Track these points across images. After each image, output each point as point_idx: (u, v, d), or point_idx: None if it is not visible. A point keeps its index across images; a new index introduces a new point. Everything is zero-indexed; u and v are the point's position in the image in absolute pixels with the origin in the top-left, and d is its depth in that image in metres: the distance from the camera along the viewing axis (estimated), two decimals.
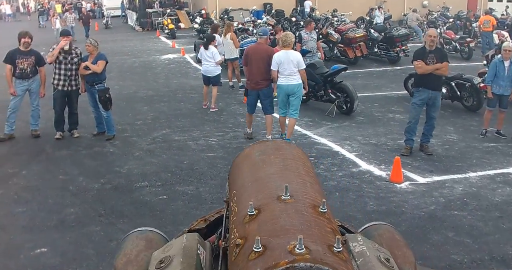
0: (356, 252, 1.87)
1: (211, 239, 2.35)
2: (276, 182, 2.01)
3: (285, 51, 8.08)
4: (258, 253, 1.54)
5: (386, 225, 2.43)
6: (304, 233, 1.58)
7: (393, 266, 1.88)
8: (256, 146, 2.53)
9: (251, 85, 8.37)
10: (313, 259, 1.46)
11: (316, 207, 1.83)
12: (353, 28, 17.63)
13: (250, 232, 1.69)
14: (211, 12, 30.44)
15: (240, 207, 1.95)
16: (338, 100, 10.28)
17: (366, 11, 29.47)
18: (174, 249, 1.95)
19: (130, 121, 10.04)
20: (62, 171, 7.20)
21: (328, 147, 8.14)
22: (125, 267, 2.09)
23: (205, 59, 10.97)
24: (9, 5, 46.40)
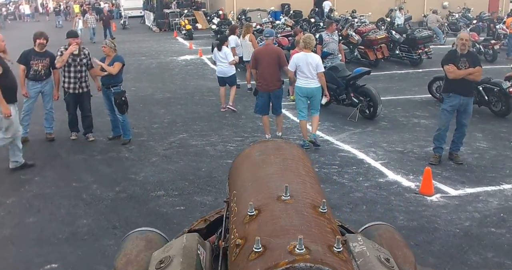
0: (356, 252, 1.86)
1: (211, 239, 2.34)
2: (276, 182, 2.00)
3: (304, 53, 7.99)
4: (258, 253, 1.53)
5: (386, 225, 2.41)
6: (304, 233, 1.57)
7: (393, 266, 1.87)
8: (256, 146, 2.50)
9: (264, 87, 8.24)
10: (313, 259, 1.45)
11: (316, 207, 1.82)
12: (374, 30, 17.22)
13: (250, 232, 1.68)
14: (229, 13, 30.21)
15: (240, 207, 1.94)
16: (360, 104, 9.91)
17: (385, 12, 28.96)
18: (174, 249, 1.93)
19: (146, 125, 9.79)
20: (76, 178, 6.95)
21: (352, 154, 7.77)
22: (125, 267, 2.07)
23: (219, 60, 10.88)
24: (28, 5, 46.71)
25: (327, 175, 6.86)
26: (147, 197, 6.25)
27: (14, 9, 48.62)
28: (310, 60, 7.88)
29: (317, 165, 7.23)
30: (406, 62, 16.60)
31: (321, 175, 6.83)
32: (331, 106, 10.77)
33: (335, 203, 5.89)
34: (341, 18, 26.20)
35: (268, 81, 8.16)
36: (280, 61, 8.15)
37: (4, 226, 5.45)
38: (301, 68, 7.93)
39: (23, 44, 10.29)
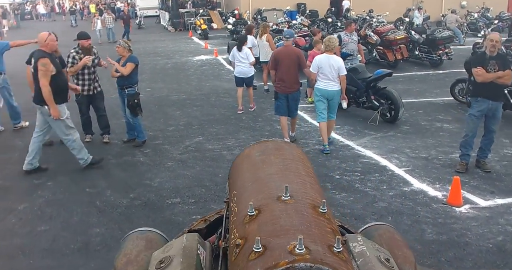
0: (356, 252, 1.85)
1: (211, 239, 2.33)
2: (276, 182, 2.00)
3: (327, 55, 7.91)
4: (258, 253, 1.52)
5: (386, 225, 2.40)
6: (304, 233, 1.57)
7: (393, 266, 1.86)
8: (256, 146, 2.50)
9: (283, 89, 8.13)
10: (313, 259, 1.44)
11: (316, 207, 1.82)
12: (393, 30, 16.86)
13: (250, 232, 1.68)
14: (244, 13, 29.98)
15: (240, 207, 1.93)
16: (381, 107, 9.60)
17: (402, 12, 28.47)
18: (174, 249, 1.93)
19: (161, 127, 9.59)
20: (90, 183, 6.75)
21: (374, 160, 7.48)
22: (125, 267, 2.07)
23: (239, 61, 10.67)
24: (44, 5, 46.92)
25: (349, 182, 6.59)
26: (163, 204, 6.03)
27: (31, 9, 48.90)
28: (332, 62, 7.79)
29: (338, 172, 6.96)
30: (425, 63, 16.22)
31: (342, 183, 6.57)
32: (350, 109, 10.47)
33: (359, 213, 5.62)
34: (358, 17, 25.87)
35: (287, 83, 8.05)
36: (300, 63, 8.06)
37: (15, 235, 5.27)
38: (323, 70, 7.82)
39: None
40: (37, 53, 6.71)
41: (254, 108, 10.82)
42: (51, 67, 6.56)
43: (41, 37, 6.82)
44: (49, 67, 6.54)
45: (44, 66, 6.50)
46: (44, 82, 6.50)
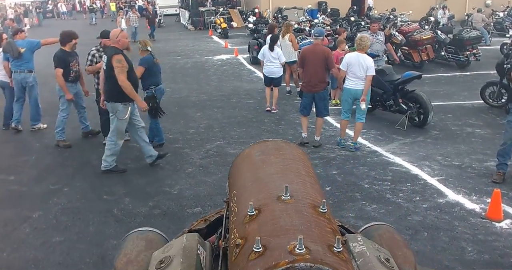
0: (356, 252, 1.84)
1: (211, 239, 2.31)
2: (276, 182, 1.99)
3: (357, 53, 7.81)
4: (258, 253, 1.52)
5: (386, 225, 2.38)
6: (304, 233, 1.56)
7: (393, 266, 1.85)
8: (256, 146, 2.48)
9: (308, 88, 8.06)
10: (313, 259, 1.44)
11: (316, 207, 1.82)
12: (419, 30, 16.37)
13: (250, 232, 1.67)
14: (264, 11, 29.65)
15: (240, 207, 1.92)
16: (410, 111, 9.19)
17: (425, 10, 27.87)
18: (174, 249, 1.92)
19: (181, 130, 9.32)
20: (107, 189, 6.49)
21: (404, 168, 7.10)
22: (125, 267, 2.05)
23: (269, 60, 10.50)
24: (65, 3, 47.19)
25: (379, 193, 6.22)
26: (183, 214, 5.73)
27: (52, 7, 49.23)
28: (362, 61, 7.67)
29: (367, 181, 6.60)
30: (452, 64, 15.73)
31: (372, 193, 6.20)
32: (377, 113, 10.11)
33: None
34: (381, 16, 25.36)
35: (312, 82, 7.93)
36: (328, 63, 7.92)
37: (29, 246, 5.01)
38: (352, 68, 7.72)
39: None
40: (110, 50, 6.59)
41: (276, 110, 10.55)
42: (126, 64, 6.49)
43: (113, 34, 6.75)
44: (124, 63, 6.47)
45: (120, 63, 6.42)
46: (122, 78, 6.43)
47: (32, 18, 40.34)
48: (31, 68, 9.14)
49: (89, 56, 8.05)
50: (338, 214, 5.35)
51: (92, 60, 8.05)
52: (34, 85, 9.22)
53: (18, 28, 10.09)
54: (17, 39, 9.23)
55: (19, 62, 9.01)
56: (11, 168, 7.46)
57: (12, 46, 8.96)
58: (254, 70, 15.76)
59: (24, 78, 9.09)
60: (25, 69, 9.07)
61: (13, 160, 7.85)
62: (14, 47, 8.94)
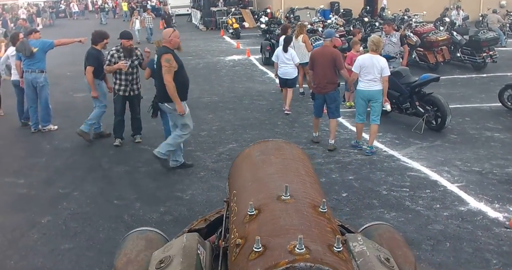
0: (356, 252, 1.83)
1: (211, 239, 2.29)
2: (276, 182, 1.98)
3: (371, 55, 7.70)
4: (258, 253, 1.51)
5: (386, 225, 2.37)
6: (304, 233, 1.55)
7: (393, 266, 1.84)
8: (256, 146, 2.47)
9: (318, 89, 8.08)
10: (313, 259, 1.43)
11: (316, 207, 1.81)
12: (435, 31, 16.10)
13: (250, 232, 1.66)
14: (276, 11, 29.45)
15: (240, 207, 1.91)
16: (427, 114, 8.96)
17: (439, 11, 27.48)
18: (174, 249, 1.91)
19: (193, 132, 9.04)
20: (118, 194, 6.35)
21: (423, 174, 6.89)
22: (125, 267, 2.05)
23: (283, 62, 10.42)
24: (77, 3, 47.35)
25: (398, 199, 6.01)
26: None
27: (65, 7, 49.41)
28: (376, 62, 7.58)
29: (385, 187, 6.40)
30: (468, 66, 15.45)
31: (391, 200, 6.00)
32: (392, 115, 9.89)
33: (412, 236, 5.05)
34: (394, 17, 25.07)
35: (322, 83, 7.94)
36: (336, 64, 7.89)
37: (37, 254, 4.87)
38: (366, 70, 7.61)
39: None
40: (161, 49, 6.59)
41: (289, 112, 10.40)
42: (174, 63, 6.46)
43: (166, 33, 6.73)
44: (173, 63, 6.44)
45: (168, 62, 6.40)
46: (168, 78, 6.41)
47: (46, 18, 40.49)
48: (43, 68, 9.07)
49: (108, 56, 8.04)
50: (356, 222, 5.15)
51: (111, 60, 8.02)
52: (44, 86, 9.15)
53: (33, 28, 10.03)
54: (31, 39, 9.18)
55: (31, 62, 8.97)
56: (21, 171, 7.36)
57: (25, 46, 8.92)
58: (267, 71, 15.59)
59: (35, 78, 9.02)
60: (36, 69, 9.01)
61: (23, 162, 7.75)
62: (27, 46, 8.90)
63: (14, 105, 11.03)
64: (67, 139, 8.94)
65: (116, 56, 8.01)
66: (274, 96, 12.20)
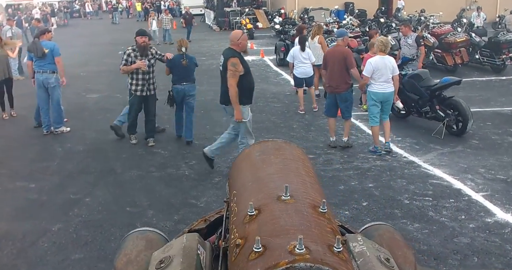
0: (356, 252, 1.82)
1: (211, 239, 2.29)
2: (276, 182, 1.97)
3: (381, 56, 7.68)
4: (258, 253, 1.50)
5: (386, 225, 2.37)
6: (304, 233, 1.55)
7: (393, 266, 1.83)
8: (256, 146, 2.47)
9: (330, 89, 8.10)
10: (313, 259, 1.43)
11: (316, 207, 1.80)
12: (453, 32, 15.78)
13: (250, 232, 1.65)
14: (290, 12, 29.23)
15: (240, 207, 1.91)
16: (447, 118, 8.69)
17: (455, 12, 27.04)
18: (174, 249, 1.90)
19: (208, 135, 8.99)
20: (130, 200, 6.18)
21: (446, 182, 6.63)
22: (125, 267, 2.05)
23: (300, 61, 10.43)
24: (91, 3, 47.51)
25: (420, 209, 5.76)
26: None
27: (79, 7, 49.61)
28: (388, 63, 7.60)
29: (407, 195, 6.15)
30: (486, 68, 15.11)
31: (413, 210, 5.75)
32: (411, 119, 9.64)
33: (437, 250, 4.81)
34: (410, 18, 24.73)
35: (333, 82, 7.95)
36: (347, 63, 7.82)
37: (47, 264, 4.70)
38: (380, 72, 7.56)
39: (86, 41, 9.82)
40: (228, 52, 6.49)
41: (317, 109, 10.60)
42: (240, 68, 6.34)
43: (234, 35, 6.58)
44: (239, 68, 6.32)
45: (234, 66, 6.29)
46: (231, 83, 6.31)
47: (61, 18, 40.67)
48: (54, 69, 8.97)
49: (125, 56, 7.95)
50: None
51: (128, 60, 7.93)
52: (56, 86, 9.06)
53: (45, 28, 9.93)
54: (43, 39, 9.07)
55: (42, 63, 8.88)
56: (32, 175, 7.22)
57: (37, 46, 8.86)
58: (281, 72, 15.38)
59: (46, 79, 8.94)
60: (48, 70, 8.93)
61: (34, 166, 7.61)
62: (38, 47, 8.83)
63: (26, 106, 10.99)
64: (80, 141, 8.82)
65: (133, 56, 7.93)
66: (289, 98, 11.99)
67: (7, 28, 15.96)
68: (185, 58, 8.28)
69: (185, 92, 8.36)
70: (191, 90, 8.46)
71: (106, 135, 9.19)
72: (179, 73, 8.29)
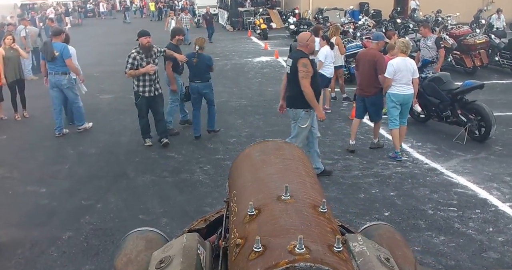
0: (356, 252, 1.82)
1: (211, 239, 2.27)
2: (276, 182, 1.96)
3: (402, 58, 7.55)
4: (258, 253, 1.49)
5: (386, 225, 2.37)
6: (304, 233, 1.54)
7: (393, 266, 1.82)
8: (256, 146, 2.44)
9: (359, 91, 8.09)
10: (313, 259, 1.42)
11: (316, 207, 1.78)
12: (472, 33, 15.43)
13: (250, 232, 1.64)
14: (304, 12, 28.95)
15: (240, 207, 1.89)
16: (469, 123, 8.40)
17: (472, 13, 26.55)
18: (174, 249, 1.88)
19: (222, 139, 8.79)
20: (143, 207, 5.98)
21: (470, 191, 6.36)
22: (125, 267, 2.04)
23: (331, 61, 10.41)
24: (104, 3, 47.60)
25: (446, 221, 5.49)
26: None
27: (93, 7, 49.74)
28: (409, 65, 7.52)
29: (430, 205, 5.89)
30: (506, 70, 14.78)
31: (438, 221, 5.49)
32: (431, 124, 9.37)
33: (466, 266, 4.55)
34: (426, 18, 24.35)
35: (363, 85, 7.94)
36: (377, 68, 7.72)
37: None
38: (401, 74, 7.45)
39: (100, 41, 9.71)
40: (297, 53, 6.35)
41: (329, 110, 10.53)
42: (311, 68, 6.22)
43: (303, 37, 6.45)
44: (310, 68, 6.20)
45: (305, 67, 6.15)
46: (305, 84, 6.17)
47: (75, 17, 40.79)
48: (66, 70, 8.89)
49: (130, 59, 7.74)
50: None
51: (133, 63, 7.75)
52: (69, 87, 9.01)
53: (59, 29, 9.80)
54: (55, 41, 8.94)
55: (53, 65, 8.82)
56: (44, 179, 7.08)
57: (48, 48, 8.75)
58: None
59: (59, 80, 8.88)
60: (60, 72, 8.86)
61: (46, 169, 7.47)
62: (49, 49, 8.72)
63: (39, 107, 10.89)
64: (92, 143, 8.67)
65: (139, 58, 7.76)
66: None
67: (21, 27, 15.87)
68: (196, 56, 8.30)
69: (198, 90, 8.50)
70: (204, 88, 8.52)
71: (119, 137, 9.06)
72: (192, 71, 8.47)
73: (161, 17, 40.26)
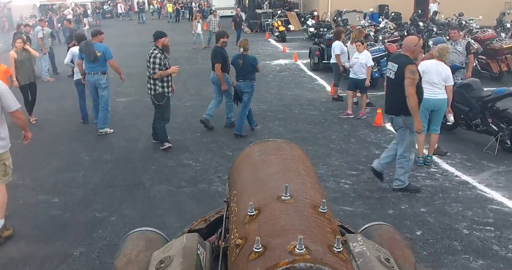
0: (356, 252, 1.84)
1: (211, 239, 2.28)
2: (276, 182, 1.97)
3: (436, 61, 7.37)
4: (258, 253, 1.49)
5: (386, 225, 2.35)
6: (304, 233, 1.55)
7: (393, 266, 1.83)
8: (256, 146, 2.42)
9: None
10: (313, 259, 1.43)
11: (316, 207, 1.79)
12: (499, 38, 14.94)
13: (250, 232, 1.65)
14: (323, 14, 28.54)
15: (240, 207, 1.90)
16: (501, 133, 7.98)
17: (494, 16, 25.91)
18: (174, 249, 1.90)
19: (241, 146, 8.41)
20: (159, 221, 5.67)
21: (507, 208, 5.93)
22: (125, 267, 2.03)
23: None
24: (122, 4, 47.74)
25: (483, 242, 5.09)
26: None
27: (112, 8, 49.88)
28: (441, 69, 7.28)
29: (465, 224, 5.49)
30: None
31: (475, 242, 5.08)
32: (458, 132, 8.97)
33: None
34: (448, 21, 23.80)
35: None
36: None
37: None
38: (429, 76, 7.21)
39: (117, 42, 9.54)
40: (404, 59, 6.08)
41: (364, 116, 10.31)
42: (417, 76, 5.97)
43: (410, 42, 6.23)
44: (416, 76, 5.95)
45: (413, 74, 5.90)
46: (411, 92, 5.91)
47: (93, 19, 40.90)
48: (105, 70, 9.10)
49: (157, 60, 7.69)
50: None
51: (161, 64, 7.74)
52: (106, 87, 9.18)
53: (98, 30, 9.80)
54: (95, 41, 9.10)
55: (93, 65, 8.95)
56: (57, 187, 6.82)
57: (90, 48, 8.86)
58: (316, 78, 14.81)
59: (98, 80, 9.04)
60: (99, 71, 9.05)
61: (59, 177, 7.21)
62: (91, 49, 8.85)
63: (53, 110, 10.69)
64: (108, 149, 8.43)
65: (163, 58, 7.79)
66: (325, 105, 11.42)
67: (39, 29, 15.76)
68: (242, 58, 8.74)
69: (241, 89, 8.90)
70: (245, 88, 8.87)
71: (135, 142, 8.81)
72: (237, 72, 8.93)
73: (179, 19, 40.10)
